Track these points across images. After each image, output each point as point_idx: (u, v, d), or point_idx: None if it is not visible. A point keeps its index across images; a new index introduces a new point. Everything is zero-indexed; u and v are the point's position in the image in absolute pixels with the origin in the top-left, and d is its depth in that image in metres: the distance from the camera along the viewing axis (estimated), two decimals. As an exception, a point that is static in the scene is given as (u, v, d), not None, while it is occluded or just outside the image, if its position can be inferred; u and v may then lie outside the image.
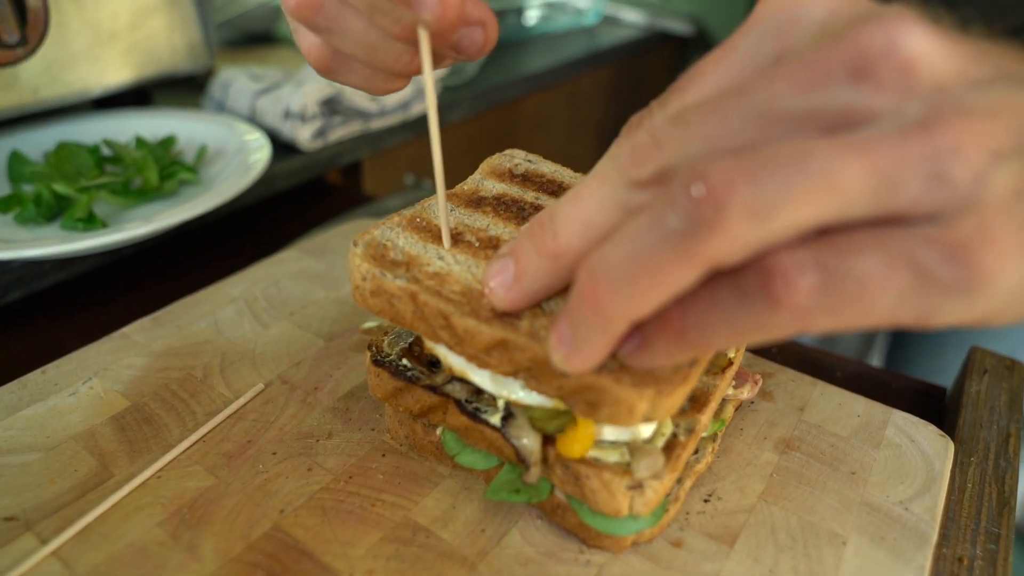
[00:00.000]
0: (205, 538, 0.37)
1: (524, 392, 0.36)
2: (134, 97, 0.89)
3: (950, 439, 0.44)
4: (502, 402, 0.38)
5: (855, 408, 0.47)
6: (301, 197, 0.87)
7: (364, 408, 0.46)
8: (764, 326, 0.24)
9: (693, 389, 0.40)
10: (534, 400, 0.36)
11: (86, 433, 0.43)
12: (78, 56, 0.76)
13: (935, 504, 0.40)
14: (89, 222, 0.61)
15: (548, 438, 0.36)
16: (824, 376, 0.53)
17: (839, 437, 0.44)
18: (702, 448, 0.41)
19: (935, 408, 0.53)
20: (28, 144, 0.75)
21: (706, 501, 0.40)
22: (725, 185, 0.22)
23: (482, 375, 0.38)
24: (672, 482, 0.37)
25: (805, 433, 0.45)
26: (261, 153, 0.72)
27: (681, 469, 0.38)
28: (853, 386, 0.52)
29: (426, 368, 0.41)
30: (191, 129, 0.80)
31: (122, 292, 0.66)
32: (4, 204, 0.62)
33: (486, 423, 0.38)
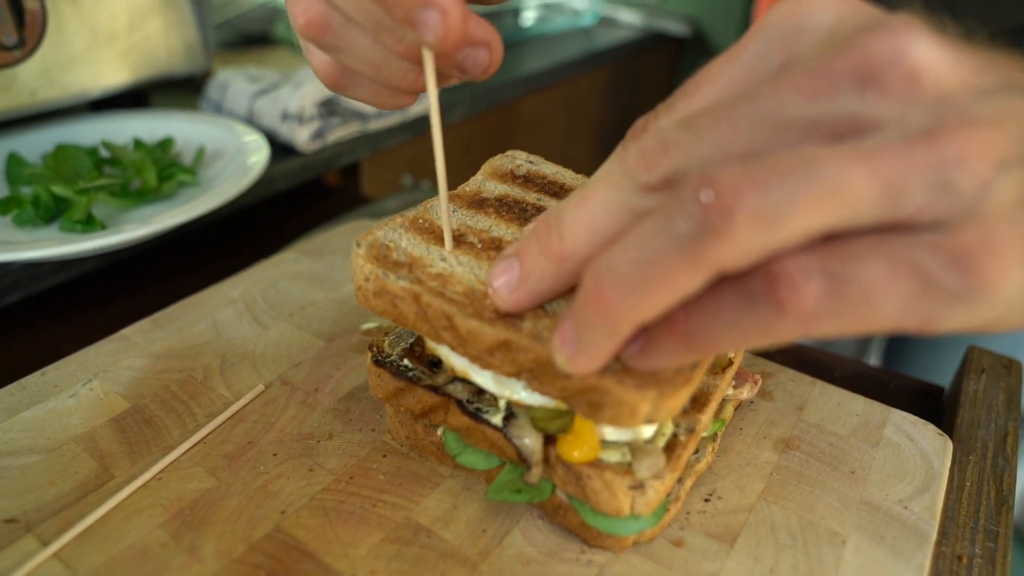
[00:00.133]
0: (206, 539, 0.37)
1: (526, 392, 0.37)
2: (131, 99, 0.89)
3: (948, 438, 0.45)
4: (503, 402, 0.38)
5: (854, 407, 0.47)
6: (299, 198, 0.87)
7: (365, 409, 0.46)
8: (769, 331, 0.24)
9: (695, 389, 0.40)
10: (536, 400, 0.36)
11: (86, 435, 0.43)
12: (76, 58, 0.76)
13: (934, 503, 0.40)
14: (88, 224, 0.61)
15: (549, 438, 0.37)
16: (822, 376, 0.53)
17: (838, 436, 0.45)
18: (702, 448, 0.41)
19: (933, 407, 0.53)
20: (26, 146, 0.75)
21: (706, 500, 0.40)
22: (733, 191, 0.22)
23: (484, 375, 0.38)
24: (673, 482, 0.37)
25: (804, 432, 0.45)
26: (259, 154, 0.72)
27: (682, 469, 0.38)
28: (851, 385, 0.52)
29: (427, 368, 0.41)
30: (189, 131, 0.80)
31: (121, 294, 0.66)
32: (2, 206, 0.62)
33: (487, 423, 0.38)
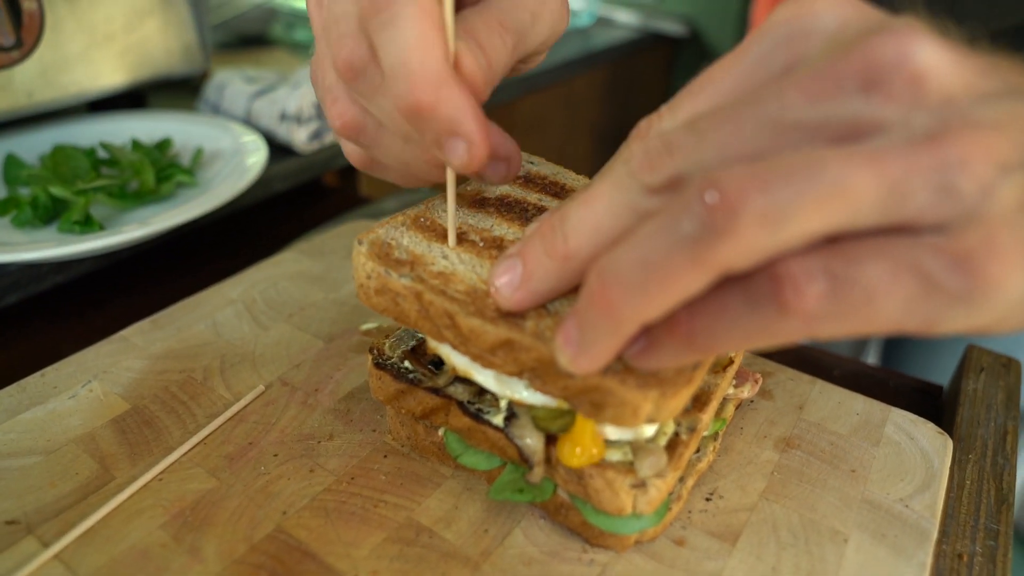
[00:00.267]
0: (207, 540, 0.37)
1: (528, 392, 0.37)
2: (128, 100, 0.89)
3: (949, 437, 0.45)
4: (505, 402, 0.38)
5: (854, 406, 0.47)
6: (297, 199, 0.87)
7: (365, 409, 0.46)
8: (772, 331, 0.24)
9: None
10: (538, 400, 0.36)
11: (86, 436, 0.43)
12: (73, 59, 0.76)
13: (935, 501, 0.40)
14: (86, 225, 0.61)
15: (551, 438, 0.37)
16: (822, 375, 0.53)
17: (839, 435, 0.45)
18: (703, 447, 0.41)
19: (932, 406, 0.53)
20: (23, 147, 0.75)
21: (708, 500, 0.40)
22: (738, 193, 0.22)
23: (486, 375, 0.38)
24: (675, 481, 0.37)
25: (805, 431, 0.45)
26: (258, 155, 0.72)
27: (683, 468, 0.38)
28: (850, 385, 0.52)
29: (428, 370, 0.41)
30: (187, 131, 0.80)
31: (119, 295, 0.66)
32: (1, 207, 0.62)
33: (489, 424, 0.38)
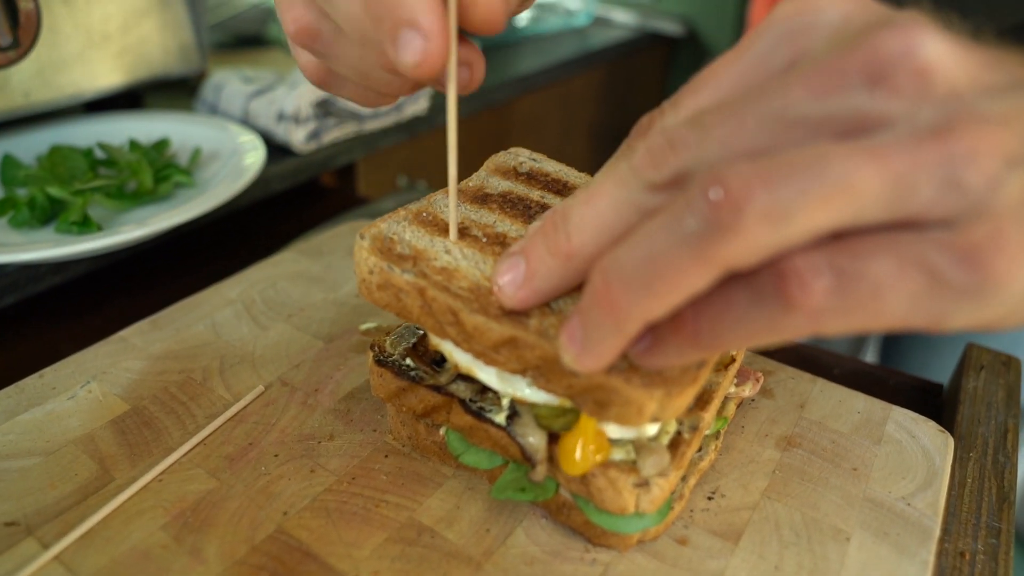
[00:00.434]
0: (209, 541, 0.37)
1: (531, 390, 0.36)
2: (126, 100, 0.89)
3: (950, 435, 0.45)
4: (507, 400, 0.38)
5: (855, 405, 0.47)
6: (295, 199, 0.87)
7: (365, 409, 0.46)
8: (777, 328, 0.24)
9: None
10: (540, 398, 0.36)
11: (86, 437, 0.43)
12: (70, 59, 0.75)
13: (937, 499, 0.40)
14: (84, 225, 0.61)
15: (553, 436, 0.36)
16: (821, 374, 0.53)
17: (840, 434, 0.45)
18: (705, 446, 0.41)
19: (932, 404, 0.53)
20: (20, 147, 0.74)
21: (710, 499, 0.40)
22: (743, 189, 0.22)
23: (488, 372, 0.38)
24: (677, 479, 0.37)
25: (806, 430, 0.45)
26: (255, 155, 0.71)
27: (686, 467, 0.38)
28: (850, 383, 0.52)
29: (429, 368, 0.41)
30: (184, 132, 0.79)
31: (118, 295, 0.65)
32: (-2, 208, 0.62)
33: (491, 422, 0.38)
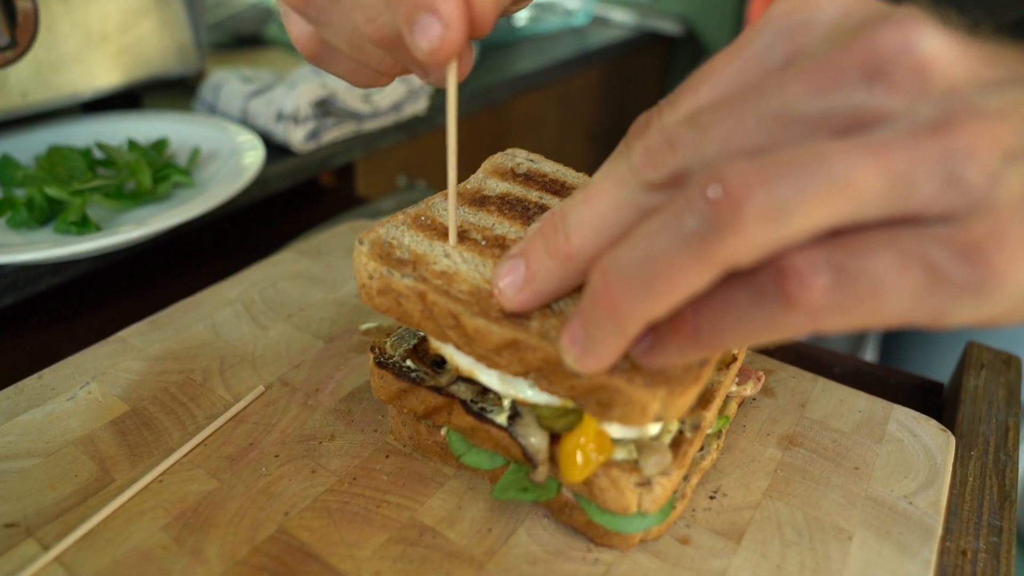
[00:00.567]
0: (209, 542, 0.37)
1: (532, 391, 0.36)
2: (124, 100, 0.89)
3: (951, 433, 0.45)
4: (508, 401, 0.38)
5: (856, 404, 0.47)
6: (294, 199, 0.87)
7: (366, 409, 0.46)
8: (778, 326, 0.24)
9: None
10: (542, 399, 0.36)
11: (85, 438, 0.43)
12: (68, 59, 0.75)
13: (938, 498, 0.40)
14: (83, 226, 0.60)
15: (555, 436, 0.36)
16: (822, 373, 0.53)
17: (841, 433, 0.45)
18: (707, 445, 0.41)
19: (933, 403, 0.53)
20: (18, 148, 0.74)
21: (712, 498, 0.40)
22: (742, 187, 0.22)
23: (490, 375, 0.37)
24: (679, 479, 0.37)
25: (807, 429, 0.45)
26: (254, 155, 0.71)
27: (688, 466, 0.38)
28: (851, 382, 0.52)
29: (430, 369, 0.41)
30: (183, 132, 0.79)
31: (117, 296, 0.65)
32: (-4, 208, 0.62)
33: (492, 423, 0.38)
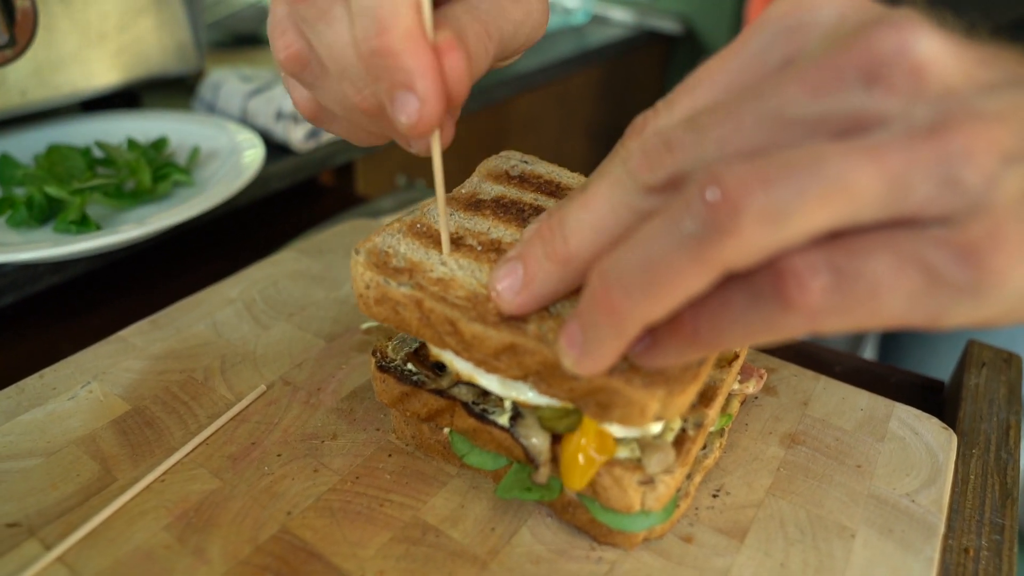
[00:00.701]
0: (212, 541, 0.37)
1: (533, 394, 0.36)
2: (123, 99, 0.89)
3: (953, 431, 0.45)
4: (509, 403, 0.38)
5: (858, 402, 0.47)
6: (294, 199, 0.87)
7: (368, 408, 0.46)
8: (776, 327, 0.24)
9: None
10: (543, 401, 0.36)
11: (87, 437, 0.43)
12: (67, 58, 0.75)
13: (941, 496, 0.40)
14: (83, 225, 0.60)
15: (557, 437, 0.36)
16: (823, 371, 0.53)
17: (843, 431, 0.45)
18: (710, 443, 0.41)
19: (934, 402, 0.53)
20: (17, 147, 0.74)
21: (715, 496, 0.40)
22: (740, 190, 0.22)
23: (490, 379, 0.37)
24: (682, 477, 0.37)
25: (810, 427, 0.45)
26: (254, 154, 0.71)
27: (691, 464, 0.38)
28: (851, 381, 0.52)
29: (432, 372, 0.41)
30: (182, 131, 0.79)
31: (117, 295, 0.65)
32: (-4, 207, 0.62)
33: (494, 424, 0.38)
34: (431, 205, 0.41)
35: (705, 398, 0.39)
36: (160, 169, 0.68)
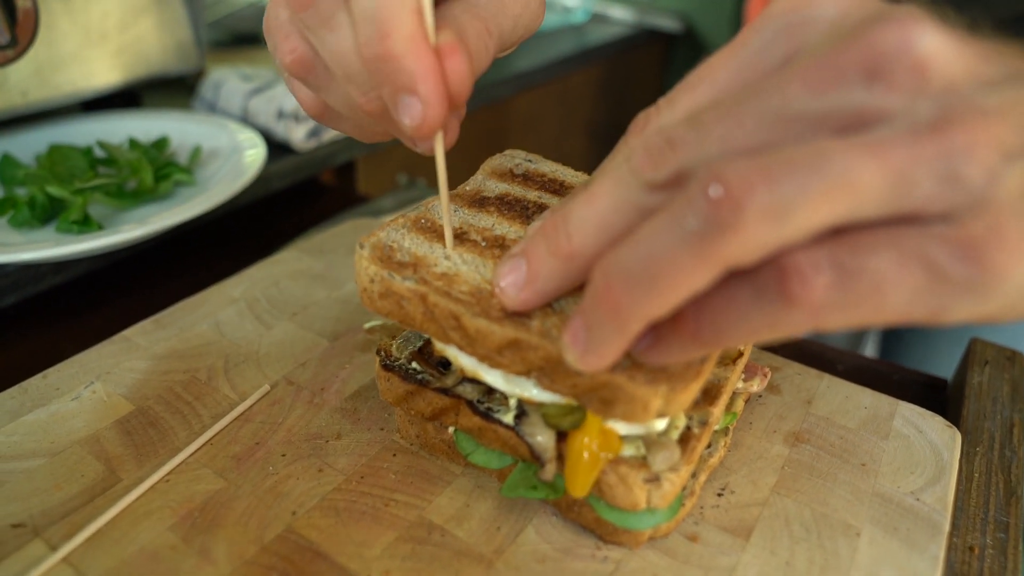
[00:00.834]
0: (217, 541, 0.37)
1: (537, 391, 0.36)
2: (123, 99, 0.88)
3: (957, 429, 0.45)
4: (514, 400, 0.38)
5: (862, 400, 0.47)
6: (295, 198, 0.87)
7: (372, 408, 0.46)
8: (779, 324, 0.24)
9: (705, 382, 0.40)
10: (547, 397, 0.36)
11: (91, 438, 0.43)
12: (68, 58, 0.75)
13: (946, 494, 0.40)
14: (84, 224, 0.60)
15: (562, 434, 0.36)
16: (825, 370, 0.53)
17: (847, 429, 0.45)
18: (714, 442, 0.41)
19: (937, 400, 0.53)
20: (18, 147, 0.74)
21: (719, 495, 0.40)
22: (743, 187, 0.22)
23: (494, 375, 0.37)
24: (688, 475, 0.37)
25: (814, 426, 0.45)
26: (255, 153, 0.71)
27: (696, 462, 0.38)
28: (854, 379, 0.52)
29: (436, 370, 0.41)
30: (183, 130, 0.79)
31: (119, 295, 0.65)
32: (-2, 207, 0.62)
33: (499, 422, 0.38)
34: (435, 202, 0.41)
35: (709, 396, 0.39)
36: (162, 169, 0.68)
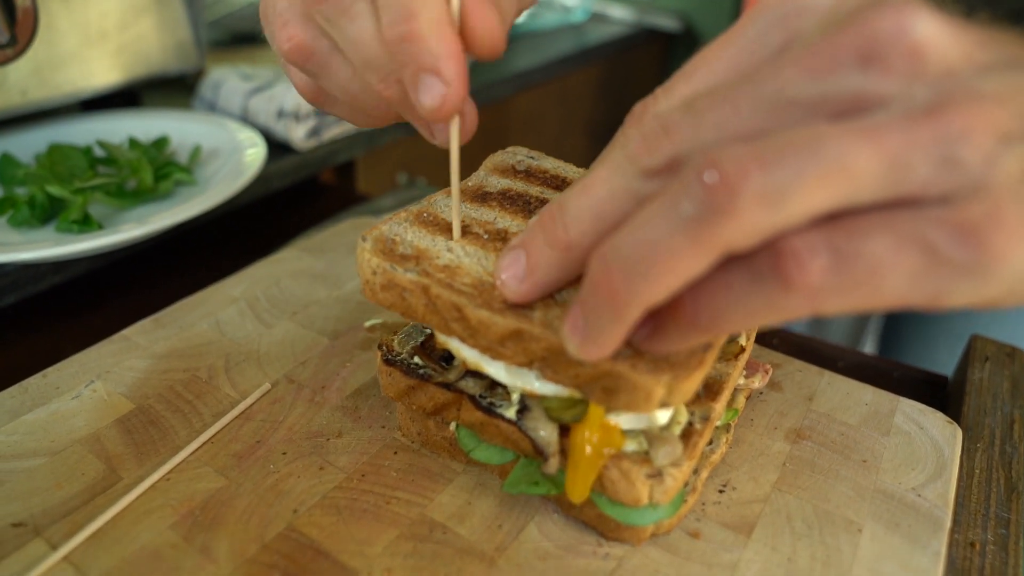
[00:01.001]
0: (219, 540, 0.37)
1: (539, 383, 0.36)
2: (123, 98, 0.88)
3: (958, 426, 0.45)
4: (516, 395, 0.38)
5: (862, 397, 0.47)
6: (295, 197, 0.87)
7: (373, 406, 0.46)
8: (776, 308, 0.24)
9: (707, 378, 0.40)
10: (549, 390, 0.36)
11: (91, 436, 0.43)
12: (67, 57, 0.75)
13: (947, 490, 0.40)
14: (84, 224, 0.60)
15: (565, 428, 0.36)
16: (825, 366, 0.53)
17: (848, 426, 0.45)
18: (716, 438, 0.41)
19: (938, 396, 0.53)
20: (17, 146, 0.74)
21: (721, 491, 0.40)
22: (738, 172, 0.22)
23: (496, 367, 0.37)
24: (690, 470, 0.37)
25: (815, 422, 0.45)
26: (256, 153, 0.71)
27: (698, 458, 0.38)
28: (855, 376, 0.52)
29: (438, 365, 0.41)
30: (183, 129, 0.79)
31: (119, 295, 0.65)
32: (-3, 207, 0.62)
33: (501, 417, 0.38)
34: (437, 197, 0.41)
35: (711, 392, 0.39)
36: (161, 168, 0.68)
